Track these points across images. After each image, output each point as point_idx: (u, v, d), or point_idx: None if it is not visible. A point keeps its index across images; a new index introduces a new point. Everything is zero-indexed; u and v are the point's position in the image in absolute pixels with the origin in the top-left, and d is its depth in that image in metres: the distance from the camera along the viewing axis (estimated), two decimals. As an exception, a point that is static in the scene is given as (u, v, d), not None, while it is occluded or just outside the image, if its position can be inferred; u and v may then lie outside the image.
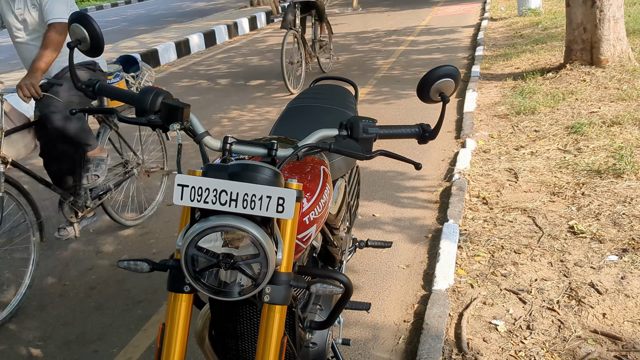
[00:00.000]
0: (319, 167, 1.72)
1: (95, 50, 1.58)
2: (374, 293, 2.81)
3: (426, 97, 1.54)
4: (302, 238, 1.59)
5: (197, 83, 7.89)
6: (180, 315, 1.41)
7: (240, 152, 1.50)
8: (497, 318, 2.50)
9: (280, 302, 1.39)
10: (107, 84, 1.61)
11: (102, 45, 1.58)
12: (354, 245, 2.56)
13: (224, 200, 1.27)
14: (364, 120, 1.51)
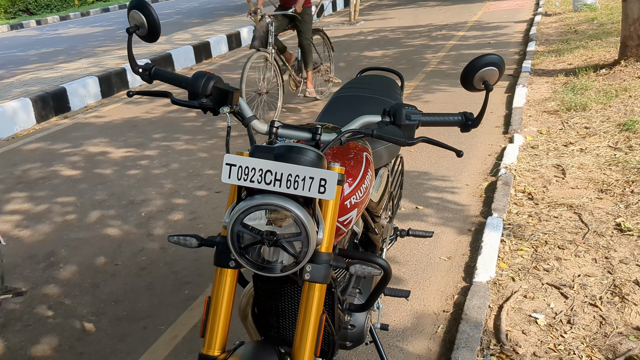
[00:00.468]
0: (362, 153, 1.76)
1: (152, 36, 1.67)
2: (414, 283, 2.84)
3: (469, 85, 1.56)
4: (343, 221, 1.64)
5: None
6: (225, 290, 1.49)
7: (285, 136, 1.56)
8: (537, 311, 2.50)
9: (320, 280, 1.45)
10: (163, 70, 1.70)
11: (159, 32, 1.67)
12: (395, 233, 2.59)
13: (269, 180, 1.33)
14: (407, 107, 1.54)
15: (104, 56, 9.52)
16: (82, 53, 10.85)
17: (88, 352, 2.58)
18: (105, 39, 12.65)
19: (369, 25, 11.70)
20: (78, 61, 9.34)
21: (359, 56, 8.53)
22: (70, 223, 3.88)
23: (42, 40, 13.80)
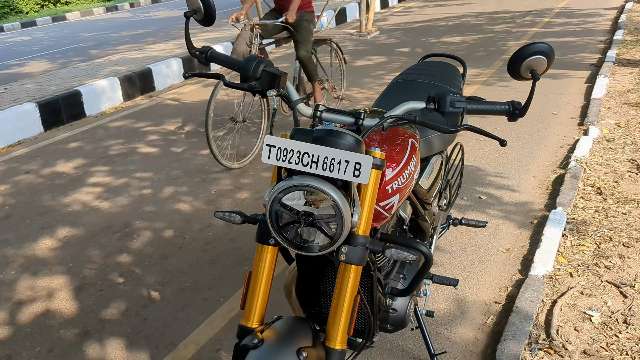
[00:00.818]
0: (408, 139, 1.78)
1: (208, 20, 1.76)
2: (469, 272, 2.83)
3: (516, 73, 1.53)
4: (384, 206, 1.67)
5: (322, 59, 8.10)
6: (265, 265, 1.57)
7: (329, 120, 1.61)
8: (592, 309, 2.44)
9: (356, 262, 1.49)
10: (218, 53, 1.78)
11: (214, 17, 1.75)
12: (448, 222, 2.60)
13: (306, 161, 1.38)
14: (452, 95, 1.53)
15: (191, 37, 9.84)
16: (169, 35, 11.29)
17: (151, 319, 2.75)
18: (192, 22, 13.07)
19: (452, 10, 11.47)
20: (164, 43, 9.71)
21: (437, 42, 8.41)
22: (146, 197, 4.11)
23: (134, 22, 14.43)
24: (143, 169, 4.63)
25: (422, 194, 2.11)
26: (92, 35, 12.81)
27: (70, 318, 2.80)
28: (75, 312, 2.85)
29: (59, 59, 10.04)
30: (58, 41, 12.38)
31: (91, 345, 2.60)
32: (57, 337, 2.67)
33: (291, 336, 1.50)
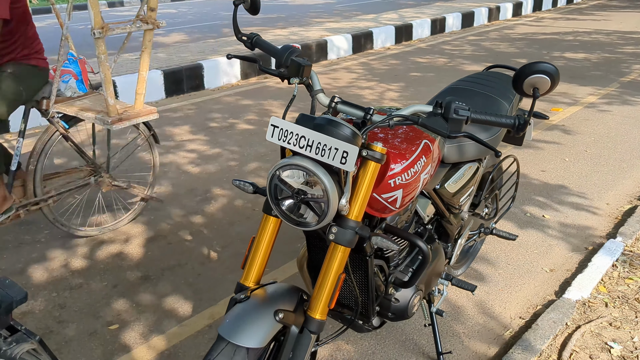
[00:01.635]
0: (422, 140, 1.88)
1: (253, 9, 1.96)
2: (504, 285, 2.86)
3: (519, 88, 1.57)
4: (386, 198, 1.79)
5: (435, 61, 8.11)
6: (267, 234, 1.76)
7: (342, 112, 1.76)
8: (616, 341, 2.40)
9: (344, 243, 1.64)
10: (262, 40, 1.98)
11: (259, 7, 1.95)
12: (479, 229, 2.64)
13: (302, 144, 1.55)
14: (457, 103, 1.61)
15: (313, 27, 10.19)
16: (299, 22, 11.72)
17: (204, 275, 3.04)
18: (323, 12, 13.46)
19: (585, 25, 10.93)
20: (289, 28, 10.14)
21: (558, 57, 8.12)
22: (232, 168, 4.45)
23: (271, 7, 15.07)
24: (236, 144, 4.99)
25: (448, 197, 2.20)
26: (229, 14, 13.57)
27: (137, 262, 3.17)
28: (142, 258, 3.21)
29: (194, 33, 10.78)
30: (199, 17, 13.26)
31: (148, 288, 2.93)
32: (122, 276, 3.04)
33: (276, 298, 1.69)
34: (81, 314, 2.74)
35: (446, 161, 2.20)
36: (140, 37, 3.70)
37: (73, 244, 3.36)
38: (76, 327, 2.64)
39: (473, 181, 2.37)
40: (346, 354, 2.41)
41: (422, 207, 2.15)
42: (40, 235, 3.47)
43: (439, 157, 2.03)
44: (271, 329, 1.60)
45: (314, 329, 1.69)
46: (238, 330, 1.57)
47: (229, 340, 1.56)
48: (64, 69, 3.24)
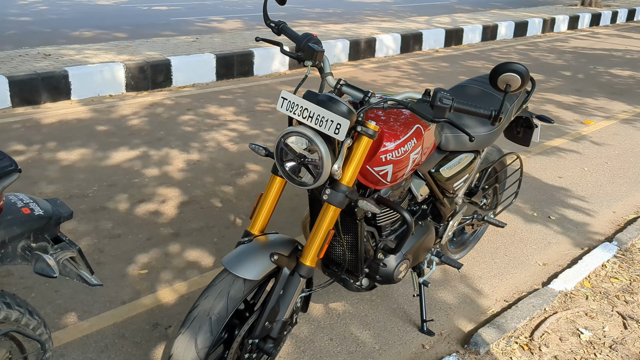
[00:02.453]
0: (414, 124, 2.15)
1: (281, 0, 2.26)
2: (497, 272, 3.10)
3: (494, 83, 1.84)
4: (378, 171, 2.07)
5: (480, 66, 8.27)
6: (273, 191, 2.08)
7: (346, 92, 2.06)
8: (587, 328, 2.62)
9: (335, 204, 1.95)
10: (287, 27, 2.29)
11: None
12: (473, 215, 2.89)
13: (305, 115, 1.86)
14: (442, 92, 1.89)
15: (365, 24, 10.46)
16: (353, 18, 12.01)
17: (228, 238, 3.39)
18: (378, 10, 13.71)
19: (638, 43, 10.85)
20: (343, 24, 10.43)
21: (603, 72, 8.16)
22: (266, 149, 4.79)
23: (329, 2, 15.39)
24: (274, 126, 5.33)
25: (442, 181, 2.47)
26: (289, 6, 13.96)
27: (171, 221, 3.54)
28: (175, 218, 3.58)
29: (250, 22, 11.21)
30: (257, 6, 13.69)
31: (177, 243, 3.30)
32: (156, 232, 3.41)
33: (274, 244, 2.01)
34: (117, 259, 3.12)
35: (443, 148, 2.46)
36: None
37: (117, 200, 3.76)
38: (111, 269, 3.02)
39: (468, 170, 2.62)
40: (343, 314, 2.71)
41: (416, 186, 2.42)
42: (89, 190, 3.89)
43: (433, 143, 2.30)
44: (266, 267, 1.92)
45: (303, 273, 2.00)
46: (238, 264, 1.89)
47: (230, 271, 1.88)
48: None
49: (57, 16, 11.08)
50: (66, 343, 2.45)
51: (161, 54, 7.10)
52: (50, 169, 4.19)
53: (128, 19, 11.12)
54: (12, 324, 1.65)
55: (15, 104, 5.79)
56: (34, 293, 2.76)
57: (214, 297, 1.85)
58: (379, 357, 2.45)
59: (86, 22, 10.48)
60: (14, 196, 1.65)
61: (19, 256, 1.59)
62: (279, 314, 2.00)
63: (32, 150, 4.52)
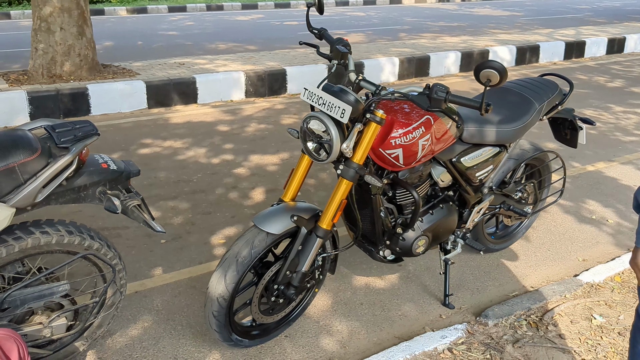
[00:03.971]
0: (424, 116, 2.50)
1: (320, 10, 2.71)
2: (534, 263, 3.31)
3: (477, 76, 2.16)
4: (390, 154, 2.44)
5: (595, 79, 8.11)
6: (302, 166, 2.53)
7: (363, 86, 2.46)
8: (602, 315, 2.78)
9: (347, 177, 2.37)
10: (327, 33, 2.72)
11: (323, 9, 2.70)
12: (500, 205, 3.11)
13: (320, 103, 2.30)
14: (438, 86, 2.24)
15: (484, 37, 10.56)
16: (475, 31, 12.12)
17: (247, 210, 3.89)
18: (503, 23, 13.65)
19: None
20: (461, 37, 10.62)
21: None
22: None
23: (454, 15, 15.54)
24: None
25: (462, 169, 2.78)
26: (413, 20, 14.33)
27: (255, 204, 4.12)
28: (260, 202, 4.16)
29: (372, 35, 11.75)
30: (383, 21, 14.22)
31: (254, 220, 3.86)
32: (241, 212, 4.01)
33: (297, 209, 2.47)
34: (204, 230, 3.74)
35: (466, 140, 2.78)
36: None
37: (215, 185, 4.41)
38: (197, 237, 3.64)
39: (493, 162, 2.90)
40: (378, 285, 3.10)
41: (436, 173, 2.76)
42: (194, 176, 4.59)
43: (446, 133, 2.62)
44: (286, 224, 2.39)
45: (320, 234, 2.44)
46: (264, 221, 2.38)
47: (256, 225, 2.37)
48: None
49: (200, 30, 12.38)
50: (150, 288, 3.08)
51: (279, 64, 7.83)
52: (167, 158, 4.97)
53: (261, 33, 12.14)
54: (93, 251, 2.25)
55: (151, 106, 6.76)
56: (134, 251, 3.44)
57: (242, 244, 2.35)
58: (399, 320, 2.82)
59: (224, 36, 11.62)
60: (98, 155, 2.27)
61: (97, 198, 2.20)
62: (298, 266, 2.46)
63: (156, 144, 5.36)
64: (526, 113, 2.92)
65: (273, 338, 2.65)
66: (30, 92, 6.14)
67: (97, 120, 6.20)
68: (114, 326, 2.73)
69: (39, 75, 6.88)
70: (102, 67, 7.44)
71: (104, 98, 6.50)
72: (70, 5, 6.83)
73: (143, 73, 7.26)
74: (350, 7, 18.54)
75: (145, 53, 9.70)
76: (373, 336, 2.70)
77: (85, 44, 7.06)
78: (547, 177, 3.40)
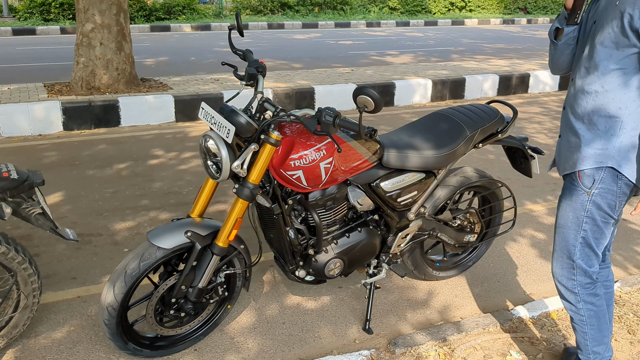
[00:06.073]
0: (327, 139, 2.50)
1: (240, 33, 2.77)
2: (479, 292, 3.20)
3: (355, 101, 2.16)
4: (291, 175, 2.47)
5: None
6: (208, 184, 2.60)
7: (266, 108, 2.49)
8: (520, 352, 2.67)
9: (241, 197, 2.42)
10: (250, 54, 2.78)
11: (242, 30, 2.76)
12: (429, 232, 3.03)
13: (212, 122, 2.37)
14: (327, 110, 2.26)
15: (532, 60, 10.26)
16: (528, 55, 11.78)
17: (261, 234, 3.94)
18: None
19: None
20: (510, 59, 10.36)
21: None
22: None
23: (515, 37, 15.16)
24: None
25: (382, 194, 2.76)
26: (470, 41, 14.11)
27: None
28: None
29: (422, 56, 11.67)
30: (439, 42, 14.09)
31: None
32: (213, 224, 4.10)
33: (195, 225, 2.53)
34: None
35: (386, 165, 2.75)
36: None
37: (195, 196, 4.55)
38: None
39: (417, 188, 2.84)
40: (309, 307, 3.11)
41: (353, 196, 2.74)
42: (185, 189, 4.74)
43: (357, 157, 2.60)
44: (180, 240, 2.46)
45: (215, 251, 2.50)
46: (156, 235, 2.46)
47: (147, 238, 2.46)
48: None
49: (255, 48, 12.74)
50: (93, 294, 3.22)
51: (309, 83, 7.96)
52: (169, 169, 5.17)
53: (312, 51, 12.34)
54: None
55: (179, 119, 7.05)
56: (95, 257, 3.62)
57: (131, 257, 2.45)
58: (312, 342, 2.81)
59: (275, 54, 11.91)
60: (2, 165, 2.44)
61: (-6, 204, 2.36)
62: (194, 281, 2.53)
63: (165, 156, 5.59)
64: (455, 140, 2.86)
65: (180, 351, 2.72)
66: (64, 103, 6.56)
67: (125, 132, 6.54)
68: (43, 328, 2.88)
69: (79, 87, 7.34)
70: (139, 81, 7.83)
71: (134, 110, 6.84)
72: (110, 22, 7.26)
73: (176, 87, 7.58)
74: (410, 27, 18.48)
75: (194, 68, 10.11)
76: (278, 356, 2.71)
77: (123, 58, 7.46)
78: (496, 206, 3.30)
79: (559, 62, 2.31)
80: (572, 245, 2.22)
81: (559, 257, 2.28)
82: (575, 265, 2.23)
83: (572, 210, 2.19)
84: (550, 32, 2.28)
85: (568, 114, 2.19)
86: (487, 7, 22.06)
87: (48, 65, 10.21)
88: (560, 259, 2.28)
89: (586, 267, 2.23)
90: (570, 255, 2.23)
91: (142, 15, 16.49)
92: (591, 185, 2.12)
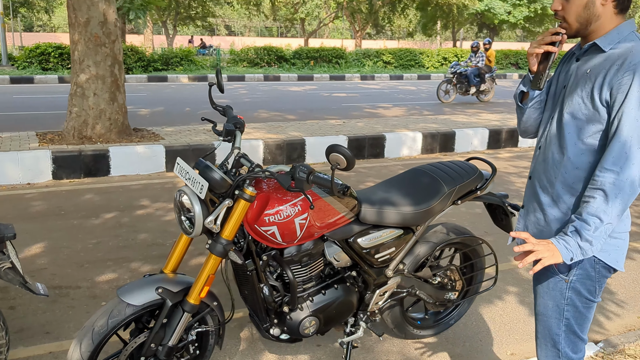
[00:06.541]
0: (300, 195, 2.49)
1: (220, 89, 2.79)
2: (459, 352, 3.14)
3: (327, 158, 2.15)
4: (266, 230, 2.44)
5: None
6: (182, 239, 2.57)
7: (243, 163, 2.49)
8: None
9: (214, 252, 2.39)
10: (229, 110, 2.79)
11: (223, 88, 2.79)
12: (407, 290, 2.97)
13: (187, 177, 2.36)
14: (301, 167, 2.25)
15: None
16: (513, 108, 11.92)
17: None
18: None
19: None
20: (502, 114, 10.49)
21: None
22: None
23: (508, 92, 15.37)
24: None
25: (359, 250, 2.73)
26: (463, 95, 14.31)
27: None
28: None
29: (414, 109, 11.81)
30: (432, 95, 14.28)
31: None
32: (194, 277, 4.04)
33: (167, 281, 2.49)
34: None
35: (363, 221, 2.73)
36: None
37: (178, 249, 4.49)
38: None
39: (395, 244, 2.82)
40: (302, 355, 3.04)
41: (330, 252, 2.71)
42: (168, 241, 4.70)
43: (333, 213, 2.59)
44: (150, 297, 2.41)
45: (186, 308, 2.45)
46: (127, 292, 2.41)
47: (117, 295, 2.41)
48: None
49: (250, 99, 12.90)
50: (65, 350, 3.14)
51: (300, 134, 8.01)
52: (154, 221, 5.14)
53: (306, 103, 12.50)
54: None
55: (168, 169, 7.06)
56: (71, 311, 3.55)
57: (100, 314, 2.40)
58: (286, 403, 2.73)
59: (270, 105, 12.04)
60: (-26, 217, 2.41)
61: (-37, 258, 2.33)
62: (164, 339, 2.46)
63: (152, 206, 5.57)
64: (433, 196, 2.85)
65: (151, 408, 2.63)
66: (54, 152, 6.57)
67: (114, 181, 6.53)
68: (10, 383, 2.80)
69: (71, 137, 7.38)
70: (132, 131, 7.88)
71: (125, 160, 6.85)
72: (105, 73, 7.35)
73: (168, 138, 7.62)
74: (403, 81, 18.79)
75: (188, 118, 10.20)
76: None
77: (116, 108, 7.52)
78: (477, 262, 3.26)
79: (526, 125, 2.18)
80: (555, 334, 2.06)
81: (542, 345, 2.12)
82: (561, 354, 2.06)
83: (551, 298, 2.04)
84: (516, 96, 2.17)
85: (535, 184, 2.06)
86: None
87: (43, 114, 10.30)
88: (545, 347, 2.11)
89: (572, 354, 2.06)
90: (555, 344, 2.07)
91: (140, 65, 16.76)
92: (567, 272, 1.97)
